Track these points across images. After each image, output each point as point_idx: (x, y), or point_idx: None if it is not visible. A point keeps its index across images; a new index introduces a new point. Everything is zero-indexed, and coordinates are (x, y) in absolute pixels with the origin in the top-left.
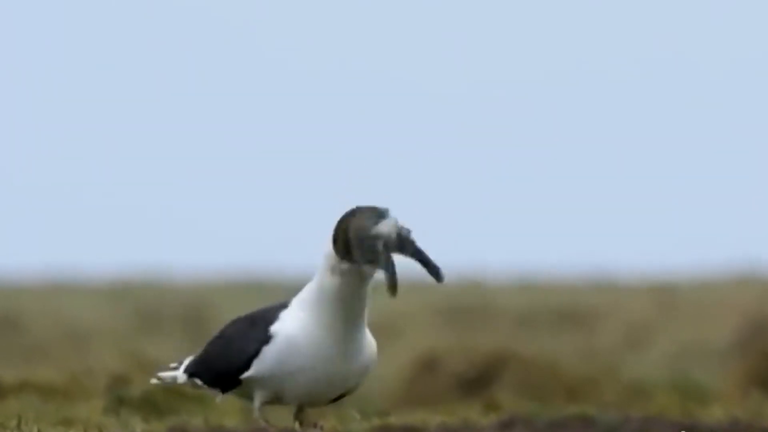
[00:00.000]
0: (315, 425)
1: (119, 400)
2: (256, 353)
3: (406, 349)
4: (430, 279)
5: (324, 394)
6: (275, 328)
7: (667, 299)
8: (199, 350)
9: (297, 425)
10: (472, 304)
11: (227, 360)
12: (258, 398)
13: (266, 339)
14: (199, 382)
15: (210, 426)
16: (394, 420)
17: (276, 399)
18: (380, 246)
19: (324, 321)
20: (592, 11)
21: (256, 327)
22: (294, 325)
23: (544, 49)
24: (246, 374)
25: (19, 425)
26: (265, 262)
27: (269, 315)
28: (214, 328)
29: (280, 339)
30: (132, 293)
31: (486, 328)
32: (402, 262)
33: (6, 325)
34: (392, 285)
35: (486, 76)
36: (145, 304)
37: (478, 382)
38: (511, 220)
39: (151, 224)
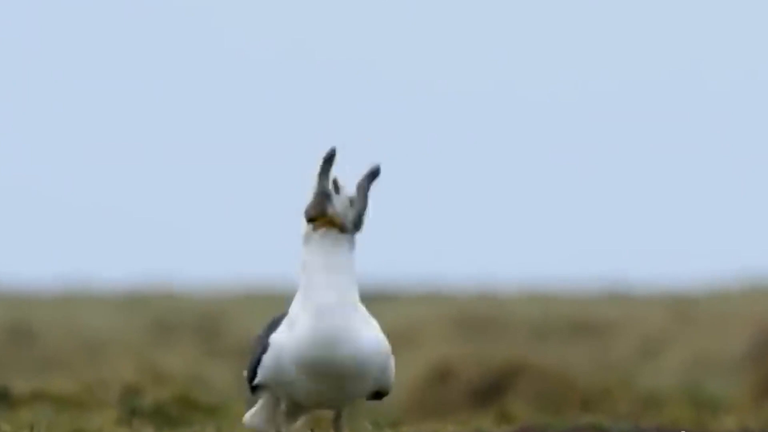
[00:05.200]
0: None
1: (132, 411)
2: (258, 362)
3: (420, 359)
4: (444, 290)
5: (338, 391)
6: (273, 335)
7: (680, 310)
8: None
9: None
10: (486, 314)
11: (248, 368)
12: (282, 402)
13: (265, 347)
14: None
15: None
16: (407, 430)
17: (298, 404)
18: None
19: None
20: (622, 26)
21: (266, 332)
22: (286, 328)
23: (558, 62)
24: (256, 380)
25: None
26: (279, 273)
27: (279, 319)
28: (228, 338)
29: (272, 347)
30: (146, 304)
31: (500, 338)
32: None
33: (20, 335)
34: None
35: (500, 89)
36: (159, 315)
37: (491, 392)
38: (525, 231)
39: (166, 235)
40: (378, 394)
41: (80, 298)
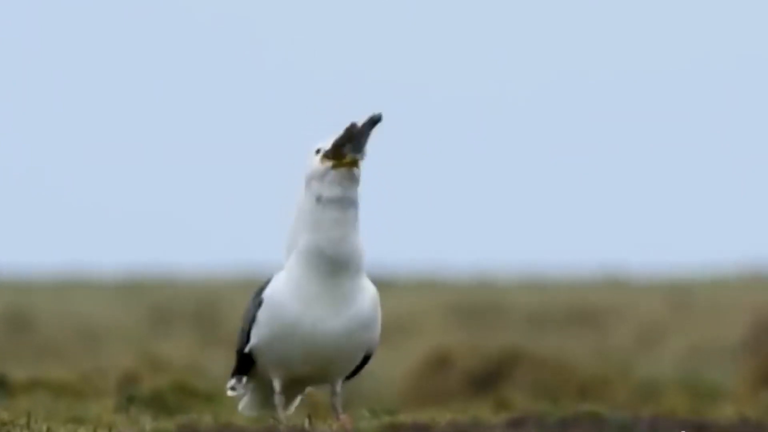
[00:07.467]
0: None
1: (130, 399)
2: (253, 321)
3: (418, 347)
4: (442, 278)
5: (332, 351)
6: (266, 291)
7: (678, 299)
8: None
9: (307, 423)
10: (484, 303)
11: (239, 338)
12: (276, 380)
13: (259, 304)
14: (238, 381)
15: (219, 424)
16: (404, 418)
17: (293, 376)
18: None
19: (309, 264)
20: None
21: (256, 296)
22: (281, 282)
23: (551, 50)
24: (249, 345)
25: (28, 423)
26: (277, 260)
27: (268, 280)
28: (225, 326)
29: (268, 299)
30: (143, 291)
31: (497, 326)
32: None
33: (18, 323)
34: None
35: (498, 77)
36: (156, 303)
37: (488, 380)
38: (523, 219)
39: (163, 223)
40: (365, 360)
41: (78, 286)
